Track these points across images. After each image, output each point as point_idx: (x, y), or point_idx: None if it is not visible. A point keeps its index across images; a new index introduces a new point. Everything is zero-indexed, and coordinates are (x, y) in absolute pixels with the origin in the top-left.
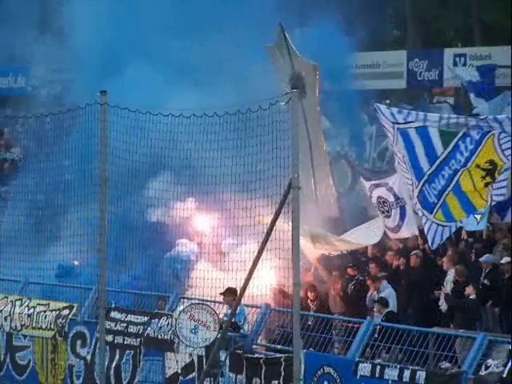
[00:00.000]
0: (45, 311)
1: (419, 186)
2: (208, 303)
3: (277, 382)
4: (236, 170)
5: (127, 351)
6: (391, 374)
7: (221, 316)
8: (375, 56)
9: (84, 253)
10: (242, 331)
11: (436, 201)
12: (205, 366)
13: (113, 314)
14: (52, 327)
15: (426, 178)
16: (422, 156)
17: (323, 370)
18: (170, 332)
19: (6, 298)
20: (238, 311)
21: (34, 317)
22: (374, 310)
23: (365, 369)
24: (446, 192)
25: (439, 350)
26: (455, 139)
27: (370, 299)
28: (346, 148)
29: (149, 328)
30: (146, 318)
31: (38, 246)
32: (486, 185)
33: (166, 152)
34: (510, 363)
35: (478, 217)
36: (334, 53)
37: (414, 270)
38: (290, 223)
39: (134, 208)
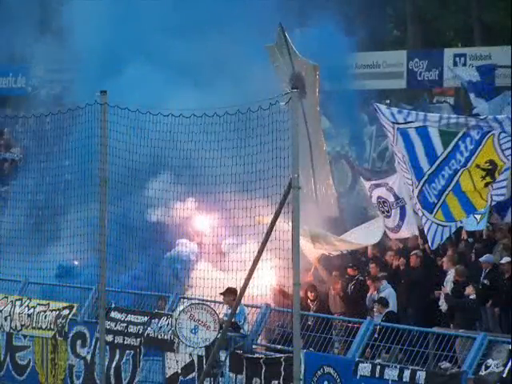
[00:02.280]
0: (45, 311)
1: (419, 186)
2: (208, 303)
3: (277, 382)
4: (236, 170)
5: (127, 351)
6: (391, 373)
7: (221, 316)
8: (375, 56)
9: (84, 253)
10: (242, 331)
11: (436, 201)
12: (205, 366)
13: (113, 314)
14: (52, 327)
15: (426, 177)
16: (422, 156)
17: (323, 370)
18: (170, 332)
19: (6, 297)
20: (238, 311)
21: (34, 317)
22: (374, 310)
23: (365, 369)
24: (446, 192)
25: (439, 350)
26: (455, 139)
27: (369, 299)
28: (346, 148)
29: (149, 328)
30: (146, 318)
31: (38, 246)
32: (486, 185)
33: (166, 152)
34: (510, 363)
35: (478, 217)
36: (334, 53)
37: (414, 270)
38: (290, 223)
39: (134, 208)
